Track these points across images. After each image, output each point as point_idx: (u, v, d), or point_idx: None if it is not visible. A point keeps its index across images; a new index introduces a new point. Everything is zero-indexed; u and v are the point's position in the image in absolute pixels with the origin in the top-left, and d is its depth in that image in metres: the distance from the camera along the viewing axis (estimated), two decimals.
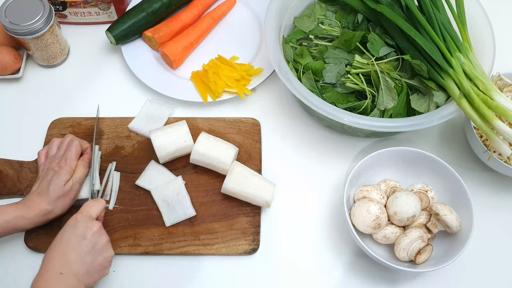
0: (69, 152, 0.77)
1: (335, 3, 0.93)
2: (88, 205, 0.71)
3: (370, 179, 0.81)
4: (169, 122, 0.88)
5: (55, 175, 0.74)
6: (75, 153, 0.77)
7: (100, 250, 0.68)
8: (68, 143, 0.78)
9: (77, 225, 0.67)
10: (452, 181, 0.77)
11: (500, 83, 0.85)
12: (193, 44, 0.95)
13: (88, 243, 0.66)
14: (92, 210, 0.70)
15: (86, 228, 0.67)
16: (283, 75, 0.78)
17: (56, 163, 0.75)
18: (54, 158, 0.77)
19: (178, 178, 0.80)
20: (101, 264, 0.67)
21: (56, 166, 0.75)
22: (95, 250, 0.67)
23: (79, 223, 0.67)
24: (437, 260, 0.72)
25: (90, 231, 0.67)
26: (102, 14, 0.98)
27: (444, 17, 0.82)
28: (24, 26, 0.84)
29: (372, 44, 0.82)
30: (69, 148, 0.77)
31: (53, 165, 0.76)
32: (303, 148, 0.87)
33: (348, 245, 0.79)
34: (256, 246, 0.77)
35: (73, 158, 0.77)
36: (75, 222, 0.68)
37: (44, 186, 0.74)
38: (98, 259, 0.67)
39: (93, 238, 0.67)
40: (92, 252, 0.66)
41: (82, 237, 0.66)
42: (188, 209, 0.78)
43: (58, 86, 0.93)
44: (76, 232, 0.67)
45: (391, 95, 0.79)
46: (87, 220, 0.68)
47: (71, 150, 0.77)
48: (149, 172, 0.82)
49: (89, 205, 0.71)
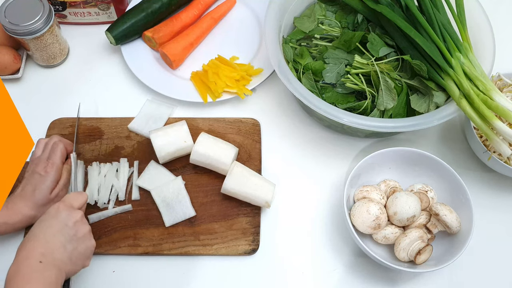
0: (54, 156, 0.75)
1: (335, 3, 0.93)
2: (70, 197, 0.69)
3: (370, 179, 0.81)
4: (169, 122, 0.87)
5: (40, 180, 0.73)
6: (60, 157, 0.76)
7: (82, 238, 0.66)
8: (52, 146, 0.77)
9: (59, 214, 0.66)
10: (452, 181, 0.77)
11: (500, 83, 0.85)
12: (193, 44, 0.95)
13: (70, 231, 0.65)
14: (74, 201, 0.69)
15: (68, 216, 0.66)
16: (283, 75, 0.78)
17: (43, 167, 0.74)
18: (40, 161, 0.75)
19: (178, 178, 0.80)
20: (83, 253, 0.66)
21: (43, 170, 0.74)
22: (77, 237, 0.65)
23: (61, 212, 0.66)
24: (437, 260, 0.72)
25: (72, 219, 0.66)
26: (101, 14, 0.98)
27: (444, 17, 0.82)
28: (23, 26, 0.84)
29: (372, 44, 0.82)
30: (54, 152, 0.76)
31: (39, 169, 0.74)
32: (303, 148, 0.87)
33: (348, 245, 0.79)
34: (256, 246, 0.77)
35: (59, 162, 0.75)
36: (56, 210, 0.66)
37: (28, 190, 0.72)
38: (80, 247, 0.65)
39: (75, 226, 0.66)
40: (74, 239, 0.65)
41: (64, 224, 0.65)
42: (188, 209, 0.78)
43: (58, 86, 0.93)
44: (58, 219, 0.65)
45: (391, 95, 0.79)
46: (69, 209, 0.67)
47: (56, 154, 0.75)
48: (148, 172, 0.81)
49: (71, 197, 0.70)
